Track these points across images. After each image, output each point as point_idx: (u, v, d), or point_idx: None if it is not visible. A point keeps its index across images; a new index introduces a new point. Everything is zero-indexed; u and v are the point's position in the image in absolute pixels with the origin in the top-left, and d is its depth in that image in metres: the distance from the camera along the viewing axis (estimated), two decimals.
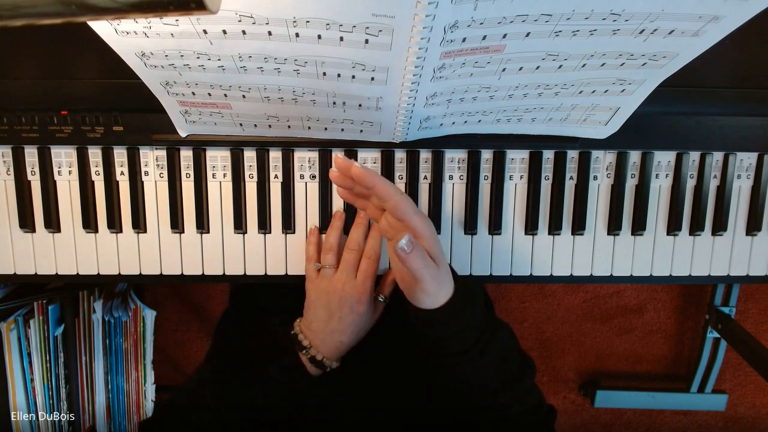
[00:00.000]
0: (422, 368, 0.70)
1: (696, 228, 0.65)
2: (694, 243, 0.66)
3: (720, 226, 0.65)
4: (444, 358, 0.54)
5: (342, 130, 0.57)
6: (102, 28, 0.43)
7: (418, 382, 0.68)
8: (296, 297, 0.64)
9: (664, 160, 0.64)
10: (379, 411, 0.64)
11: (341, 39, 0.42)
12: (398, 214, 0.49)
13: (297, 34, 0.41)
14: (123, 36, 0.43)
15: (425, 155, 0.63)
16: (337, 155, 0.51)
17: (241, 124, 0.57)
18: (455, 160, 0.64)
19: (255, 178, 0.63)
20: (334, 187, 0.64)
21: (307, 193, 0.64)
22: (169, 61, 0.46)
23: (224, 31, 0.42)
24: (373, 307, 0.61)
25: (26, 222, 0.63)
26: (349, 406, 0.63)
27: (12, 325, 0.88)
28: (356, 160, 0.63)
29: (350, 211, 0.64)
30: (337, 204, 0.64)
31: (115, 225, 0.63)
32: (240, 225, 0.64)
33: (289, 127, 0.57)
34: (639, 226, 0.65)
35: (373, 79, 0.46)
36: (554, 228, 0.65)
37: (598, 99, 0.53)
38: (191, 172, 0.63)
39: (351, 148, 0.62)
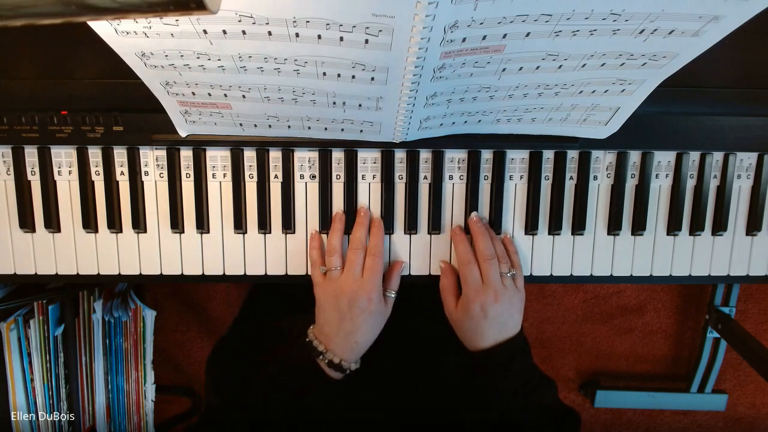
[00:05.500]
0: (428, 368, 0.70)
1: (696, 228, 0.65)
2: (694, 243, 0.66)
3: (720, 226, 0.65)
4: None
5: (342, 130, 0.57)
6: (102, 28, 0.42)
7: (424, 382, 0.68)
8: (308, 297, 0.64)
9: (664, 160, 0.64)
10: (383, 411, 0.64)
11: (341, 39, 0.42)
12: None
13: (297, 34, 0.41)
14: (123, 36, 0.43)
15: (425, 155, 0.63)
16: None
17: (241, 124, 0.57)
18: (455, 160, 0.64)
19: (255, 178, 0.63)
20: (334, 186, 0.64)
21: (307, 193, 0.64)
22: (169, 61, 0.46)
23: (224, 31, 0.42)
24: (383, 303, 0.61)
25: (26, 222, 0.63)
26: (354, 406, 0.63)
27: (12, 325, 0.88)
28: (356, 160, 0.63)
29: (350, 212, 0.64)
30: (337, 204, 0.64)
31: (115, 225, 0.63)
32: (240, 225, 0.64)
33: (289, 127, 0.57)
34: (639, 226, 0.65)
35: (373, 79, 0.46)
36: (554, 228, 0.65)
37: (598, 99, 0.53)
38: (191, 172, 0.63)
39: (351, 148, 0.62)
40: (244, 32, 0.42)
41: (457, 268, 0.62)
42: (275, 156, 0.63)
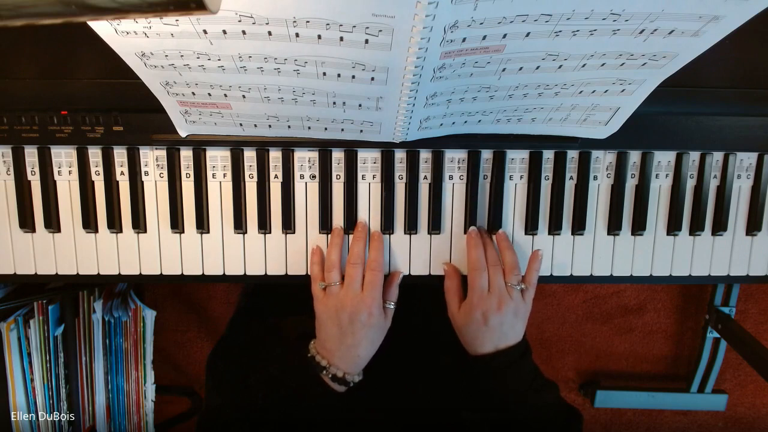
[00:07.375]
0: (428, 368, 0.70)
1: (696, 228, 0.65)
2: (694, 243, 0.66)
3: (720, 226, 0.65)
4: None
5: (342, 130, 0.57)
6: (102, 28, 0.43)
7: (424, 382, 0.68)
8: (308, 297, 0.64)
9: (664, 160, 0.64)
10: (383, 411, 0.64)
11: (341, 39, 0.42)
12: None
13: (297, 34, 0.41)
14: (123, 36, 0.43)
15: (425, 155, 0.63)
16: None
17: (241, 124, 0.57)
18: (455, 160, 0.64)
19: (255, 178, 0.63)
20: (334, 186, 0.64)
21: (307, 193, 0.64)
22: (169, 61, 0.46)
23: (224, 31, 0.42)
24: (383, 316, 0.61)
25: (26, 222, 0.63)
26: (353, 406, 0.63)
27: (12, 325, 0.88)
28: (356, 160, 0.63)
29: (350, 212, 0.63)
30: (337, 204, 0.64)
31: (115, 225, 0.63)
32: (240, 225, 0.64)
33: (289, 127, 0.57)
34: (639, 226, 0.65)
35: (373, 79, 0.46)
36: (554, 228, 0.65)
37: (598, 99, 0.53)
38: (191, 172, 0.63)
39: (351, 148, 0.62)
40: (244, 32, 0.42)
41: (467, 273, 0.62)
42: (275, 156, 0.63)
